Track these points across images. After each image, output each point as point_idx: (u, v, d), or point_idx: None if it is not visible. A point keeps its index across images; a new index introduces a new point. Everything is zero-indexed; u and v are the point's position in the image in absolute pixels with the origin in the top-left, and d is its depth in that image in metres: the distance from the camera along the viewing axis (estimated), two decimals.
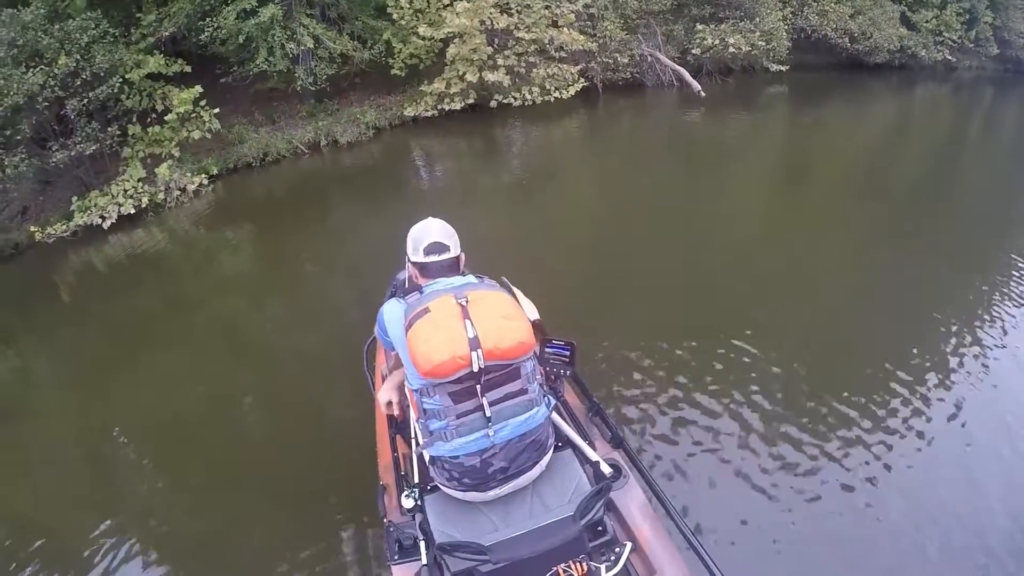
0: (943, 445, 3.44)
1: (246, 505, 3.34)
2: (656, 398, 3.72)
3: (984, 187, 8.73)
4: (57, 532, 3.37)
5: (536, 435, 1.85)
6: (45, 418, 4.53)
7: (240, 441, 3.92)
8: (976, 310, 4.91)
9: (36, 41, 7.42)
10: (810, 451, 3.35)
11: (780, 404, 3.70)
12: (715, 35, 13.19)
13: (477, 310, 1.74)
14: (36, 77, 7.23)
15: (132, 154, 8.42)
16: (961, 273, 5.63)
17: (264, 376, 4.62)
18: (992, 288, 5.28)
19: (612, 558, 1.69)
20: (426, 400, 1.77)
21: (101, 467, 3.97)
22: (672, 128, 11.62)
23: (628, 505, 1.92)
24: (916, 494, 3.08)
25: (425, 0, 10.50)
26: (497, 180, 9.13)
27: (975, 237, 6.56)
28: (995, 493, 3.09)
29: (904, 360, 4.17)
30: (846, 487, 3.11)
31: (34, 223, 7.99)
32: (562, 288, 5.19)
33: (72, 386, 4.99)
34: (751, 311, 4.78)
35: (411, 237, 2.03)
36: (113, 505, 3.47)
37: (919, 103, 15.40)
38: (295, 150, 9.69)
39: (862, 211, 7.31)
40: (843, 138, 11.17)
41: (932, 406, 3.74)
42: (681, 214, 7.27)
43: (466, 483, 1.81)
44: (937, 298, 5.16)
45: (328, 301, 5.58)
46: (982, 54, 19.27)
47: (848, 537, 2.82)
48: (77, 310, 6.45)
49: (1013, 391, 3.92)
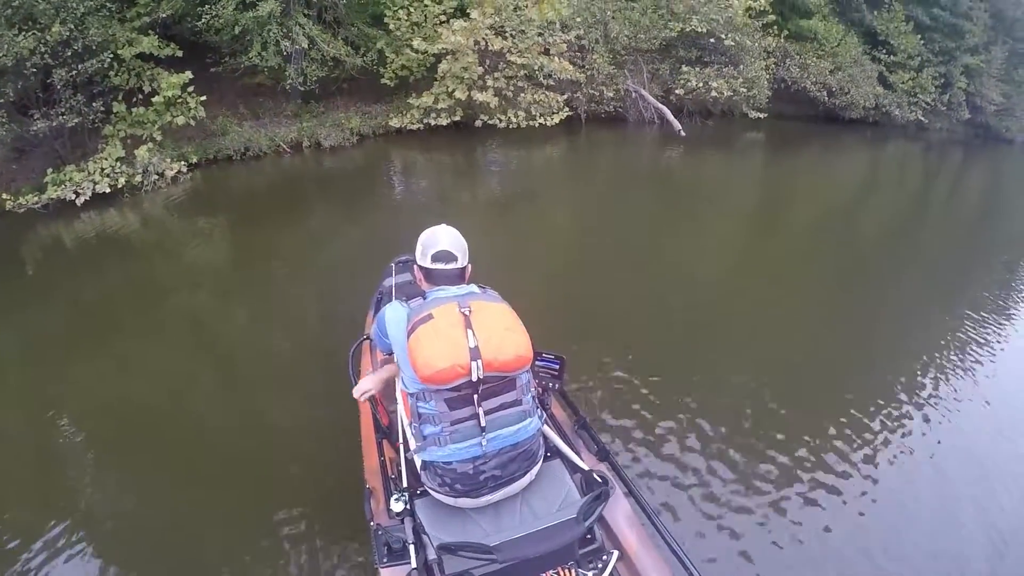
0: (920, 461, 3.68)
1: (212, 506, 3.26)
2: (639, 413, 3.80)
3: (944, 239, 9.28)
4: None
5: (528, 445, 1.89)
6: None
7: (207, 438, 3.80)
8: (942, 336, 5.46)
9: (32, 4, 7.37)
10: (792, 465, 3.47)
11: (761, 419, 3.85)
12: (699, 78, 13.65)
13: (479, 320, 1.77)
14: (27, 41, 7.19)
15: (113, 132, 8.39)
16: (921, 313, 6.18)
17: (231, 373, 4.57)
18: (953, 319, 5.87)
19: (599, 565, 1.74)
20: (421, 405, 1.80)
21: (54, 456, 3.78)
22: (651, 163, 11.98)
23: (615, 515, 1.95)
24: (904, 509, 3.23)
25: (422, 14, 10.70)
26: (476, 197, 9.29)
27: (935, 282, 7.23)
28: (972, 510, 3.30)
29: (874, 381, 4.56)
30: (828, 500, 3.22)
31: (5, 191, 7.93)
32: (539, 306, 5.14)
33: (27, 363, 4.85)
34: (728, 336, 5.06)
35: (421, 241, 2.05)
36: (72, 503, 3.31)
37: (889, 159, 16.12)
38: (277, 148, 9.76)
39: (830, 252, 7.81)
40: (815, 186, 11.66)
41: (902, 425, 4.03)
42: (656, 245, 7.49)
43: (458, 489, 1.83)
44: (901, 332, 5.65)
45: (298, 301, 5.57)
46: (953, 117, 20.25)
47: (831, 550, 2.91)
48: (40, 284, 6.36)
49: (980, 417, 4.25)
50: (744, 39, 13.80)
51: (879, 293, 6.56)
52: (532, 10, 11.00)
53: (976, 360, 5.10)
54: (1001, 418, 4.23)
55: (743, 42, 13.78)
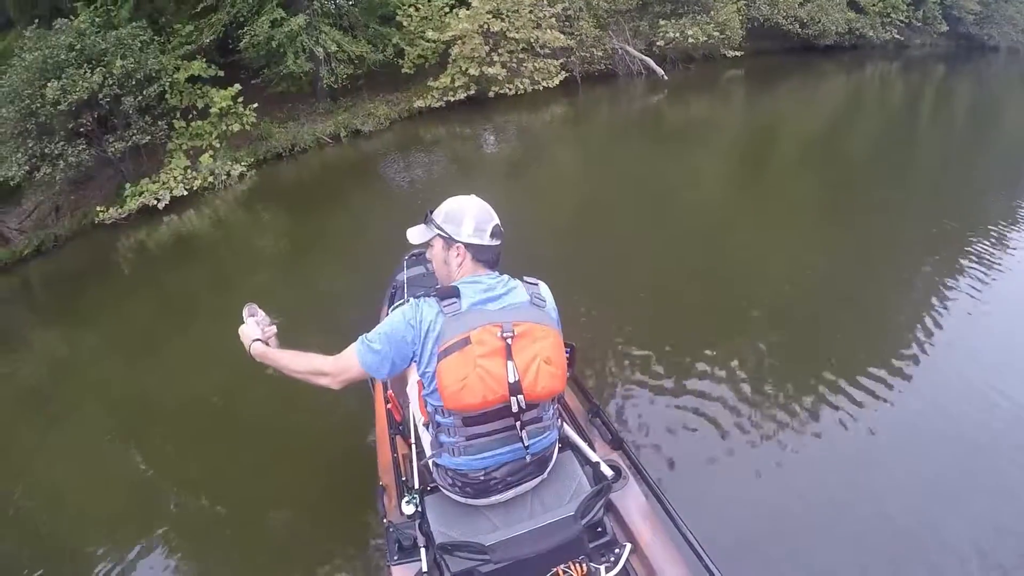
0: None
1: (244, 497, 3.29)
2: (655, 399, 3.62)
3: (927, 152, 9.62)
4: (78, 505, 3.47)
5: (544, 453, 1.81)
6: (85, 397, 4.67)
7: (241, 434, 3.82)
8: (937, 268, 5.14)
9: (94, 45, 8.49)
10: (819, 453, 3.20)
11: (787, 402, 3.55)
12: (675, 28, 14.77)
13: (521, 349, 1.60)
14: (96, 76, 8.27)
15: (176, 146, 9.47)
16: (915, 243, 5.82)
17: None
18: (946, 249, 5.50)
19: (612, 559, 1.67)
20: (439, 416, 1.68)
21: (121, 448, 3.99)
22: (641, 111, 13.19)
23: (628, 506, 1.89)
24: (928, 493, 2.94)
25: (430, 9, 12.30)
26: (491, 158, 10.28)
27: (929, 199, 7.03)
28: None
29: (895, 340, 4.12)
30: (853, 489, 2.95)
31: (86, 207, 9.16)
32: (554, 269, 5.05)
33: (115, 364, 5.15)
34: (746, 307, 4.62)
35: (462, 212, 1.74)
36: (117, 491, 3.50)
37: (868, 80, 16.83)
38: (319, 141, 10.91)
39: (817, 183, 7.93)
40: (795, 113, 12.61)
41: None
42: (652, 194, 7.56)
43: (468, 491, 1.77)
44: (900, 259, 5.42)
45: (341, 285, 5.69)
46: (932, 31, 20.45)
47: (856, 539, 2.70)
48: (134, 283, 7.15)
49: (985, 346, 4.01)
50: None
51: (874, 222, 6.21)
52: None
53: (973, 292, 4.70)
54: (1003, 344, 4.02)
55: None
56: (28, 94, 7.97)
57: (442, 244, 1.75)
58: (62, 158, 8.32)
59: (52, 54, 8.10)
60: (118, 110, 8.90)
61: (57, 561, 3.10)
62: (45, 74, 8.06)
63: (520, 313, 1.65)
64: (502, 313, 1.63)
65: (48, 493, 3.62)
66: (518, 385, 1.58)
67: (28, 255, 8.57)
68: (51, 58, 8.08)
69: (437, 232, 1.74)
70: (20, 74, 8.01)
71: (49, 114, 8.10)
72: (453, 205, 1.75)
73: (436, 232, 1.75)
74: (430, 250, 1.81)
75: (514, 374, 1.57)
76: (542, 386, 1.62)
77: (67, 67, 8.18)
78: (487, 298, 1.66)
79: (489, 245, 1.73)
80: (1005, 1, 22.02)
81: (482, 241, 1.71)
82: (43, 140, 8.33)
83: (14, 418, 4.66)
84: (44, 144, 8.30)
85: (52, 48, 8.15)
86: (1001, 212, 6.32)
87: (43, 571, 3.01)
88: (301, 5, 10.58)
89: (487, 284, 1.69)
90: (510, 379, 1.57)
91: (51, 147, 8.31)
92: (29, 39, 8.48)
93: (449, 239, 1.72)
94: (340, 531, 2.89)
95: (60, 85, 7.98)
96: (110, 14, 9.50)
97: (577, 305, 4.57)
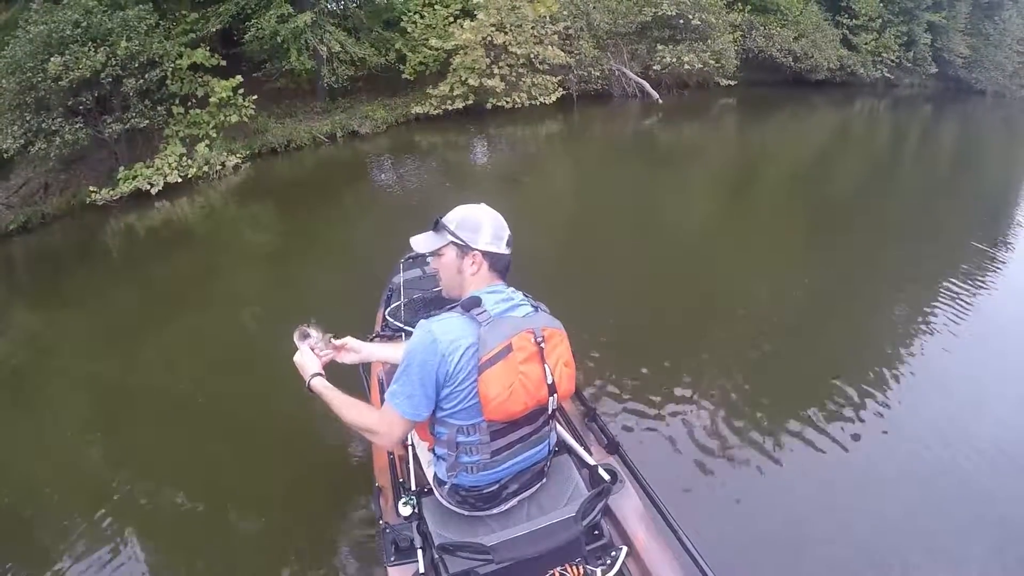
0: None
1: (235, 498, 3.24)
2: (651, 404, 3.62)
3: (909, 186, 9.79)
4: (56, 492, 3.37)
5: (548, 458, 1.86)
6: (61, 382, 4.57)
7: (229, 432, 3.76)
8: (919, 290, 5.35)
9: (100, 24, 8.51)
10: (810, 456, 3.24)
11: (779, 408, 3.59)
12: (673, 54, 15.10)
13: (551, 352, 1.63)
14: (100, 56, 8.31)
15: (173, 133, 9.48)
16: (895, 265, 6.05)
17: (254, 356, 4.47)
18: (927, 276, 5.72)
19: (608, 562, 1.68)
20: (462, 436, 1.63)
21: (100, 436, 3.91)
22: (634, 131, 13.44)
23: (624, 510, 1.89)
24: (920, 494, 2.97)
25: (435, 17, 12.54)
26: (486, 169, 10.46)
27: (907, 230, 7.23)
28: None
29: (891, 353, 4.26)
30: (850, 491, 2.97)
31: (75, 189, 9.18)
32: (550, 281, 5.08)
33: (95, 349, 5.08)
34: (739, 317, 4.74)
35: (478, 220, 1.68)
36: (102, 483, 3.38)
37: (857, 116, 17.25)
38: (315, 139, 11.01)
39: (806, 208, 8.17)
40: (785, 143, 12.93)
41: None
42: (645, 211, 7.73)
43: (478, 506, 1.78)
44: (884, 281, 5.60)
45: (327, 280, 5.79)
46: (921, 73, 20.85)
47: (853, 543, 2.69)
48: (120, 266, 7.18)
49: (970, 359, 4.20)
50: (710, 17, 15.29)
51: (857, 247, 6.44)
52: (527, 8, 12.57)
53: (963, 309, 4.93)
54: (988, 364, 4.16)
55: (709, 19, 15.28)
56: (30, 67, 7.97)
57: (456, 252, 1.68)
58: (58, 135, 8.30)
59: (57, 28, 8.11)
60: (118, 91, 8.91)
61: (25, 557, 3.00)
62: (49, 48, 8.06)
63: (540, 319, 1.65)
64: (527, 320, 1.62)
65: (19, 481, 3.50)
66: (554, 386, 1.63)
67: (13, 230, 8.51)
68: (56, 32, 8.09)
69: (451, 239, 1.68)
70: (24, 46, 7.99)
71: (49, 89, 8.11)
72: (467, 213, 1.70)
73: (449, 239, 1.68)
74: (437, 259, 1.74)
75: (550, 376, 1.61)
76: (564, 388, 1.67)
77: (71, 43, 8.19)
78: (509, 307, 1.64)
79: (504, 254, 1.70)
80: (994, 47, 22.45)
81: (499, 250, 1.68)
82: (40, 115, 8.32)
83: None
84: (41, 119, 8.30)
85: (58, 23, 8.16)
86: (985, 240, 6.59)
87: (11, 566, 2.94)
88: (308, 3, 10.73)
89: (505, 294, 1.68)
90: (548, 380, 1.61)
91: (48, 123, 8.30)
92: (36, 11, 8.49)
93: (465, 247, 1.66)
94: (336, 533, 2.88)
95: (63, 61, 8.00)
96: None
97: (572, 311, 4.41)
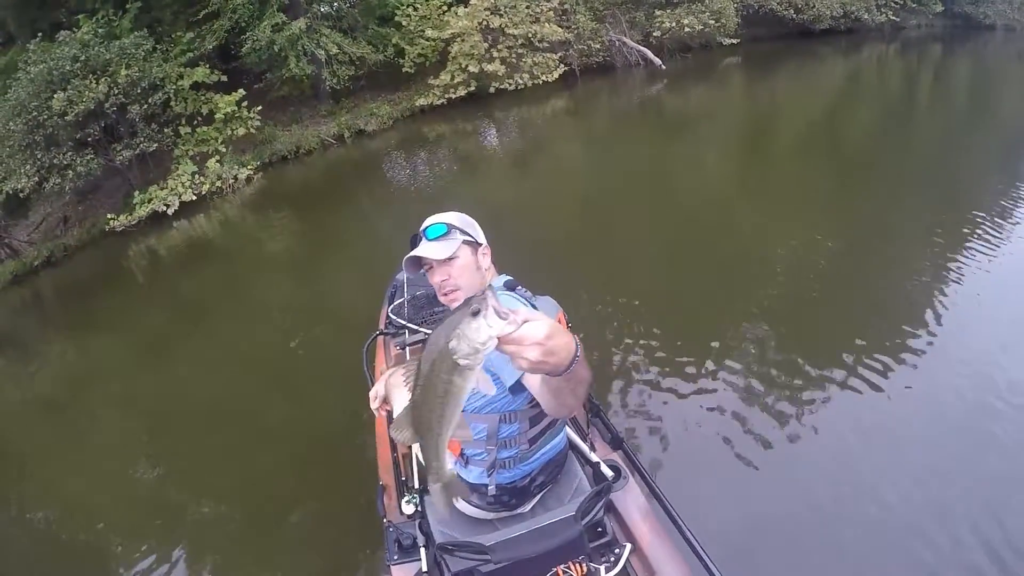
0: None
1: (245, 497, 3.31)
2: (655, 399, 3.54)
3: (927, 133, 9.29)
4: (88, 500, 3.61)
5: (565, 451, 1.85)
6: (99, 404, 4.80)
7: (243, 436, 3.83)
8: (938, 254, 4.78)
9: (98, 55, 8.55)
10: (817, 451, 3.11)
11: (784, 405, 3.45)
12: (671, 18, 14.76)
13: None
14: (102, 86, 8.35)
15: (182, 152, 9.53)
16: (916, 219, 5.56)
17: (265, 366, 4.53)
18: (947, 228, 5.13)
19: (612, 559, 1.67)
20: (505, 426, 1.62)
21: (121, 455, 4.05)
22: (640, 100, 13.18)
23: (628, 506, 1.87)
24: (931, 497, 2.80)
25: (428, 7, 12.33)
26: (493, 152, 10.34)
27: (930, 180, 6.68)
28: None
29: (896, 340, 3.85)
30: (855, 489, 2.87)
31: (94, 217, 9.23)
32: (553, 274, 4.96)
33: (128, 370, 5.25)
34: (746, 305, 4.40)
35: (467, 219, 1.72)
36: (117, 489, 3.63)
37: (866, 63, 16.71)
38: (323, 142, 10.96)
39: (816, 165, 7.65)
40: (794, 98, 12.54)
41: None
42: (654, 182, 7.51)
43: (507, 503, 1.76)
44: (903, 244, 5.11)
45: (342, 284, 5.77)
46: (927, 12, 20.31)
47: (859, 538, 2.66)
48: (147, 287, 7.26)
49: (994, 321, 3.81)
50: None
51: (874, 207, 5.92)
52: None
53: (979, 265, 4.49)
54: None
55: None
56: (35, 106, 8.05)
57: (470, 251, 1.63)
58: (70, 168, 8.41)
59: (57, 65, 8.17)
60: (124, 119, 8.99)
61: (74, 563, 3.22)
62: (51, 85, 8.13)
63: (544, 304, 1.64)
64: (543, 296, 1.63)
65: (66, 498, 3.73)
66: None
67: (38, 266, 8.65)
68: (56, 69, 8.16)
69: (463, 239, 1.61)
70: (26, 87, 8.08)
71: (56, 125, 8.19)
72: (453, 217, 1.66)
73: (462, 240, 1.61)
74: (449, 266, 1.60)
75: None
76: None
77: (72, 78, 8.26)
78: (521, 289, 1.62)
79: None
80: None
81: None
82: (51, 151, 8.43)
83: (32, 427, 4.72)
84: (52, 155, 8.41)
85: (57, 59, 8.22)
86: (1003, 190, 5.95)
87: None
88: (301, 9, 10.64)
89: (508, 280, 1.66)
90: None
91: (59, 158, 8.41)
92: (33, 52, 8.54)
93: (476, 243, 1.64)
94: (339, 531, 2.87)
95: (66, 96, 8.06)
96: (112, 25, 9.55)
97: (577, 302, 4.45)
